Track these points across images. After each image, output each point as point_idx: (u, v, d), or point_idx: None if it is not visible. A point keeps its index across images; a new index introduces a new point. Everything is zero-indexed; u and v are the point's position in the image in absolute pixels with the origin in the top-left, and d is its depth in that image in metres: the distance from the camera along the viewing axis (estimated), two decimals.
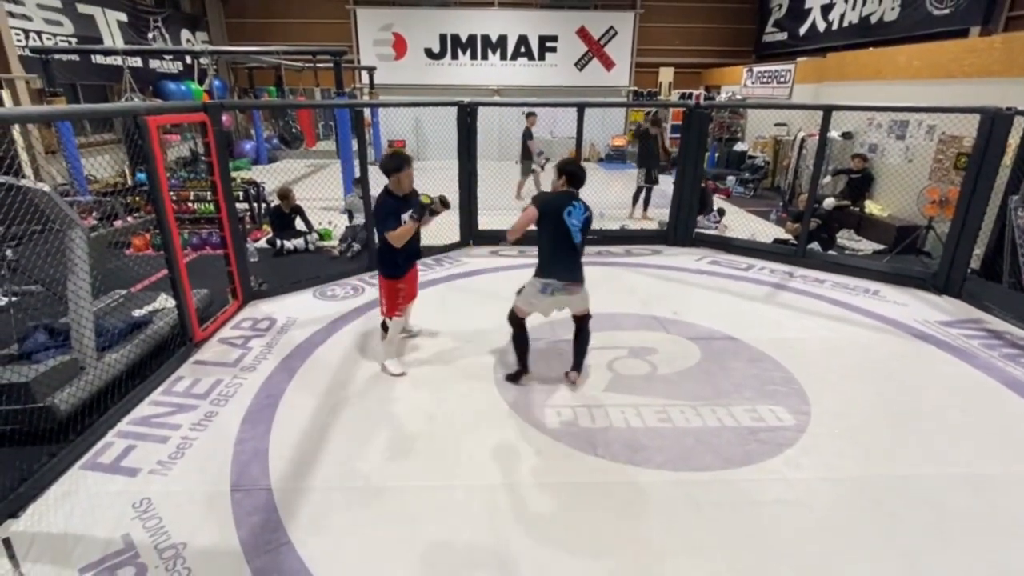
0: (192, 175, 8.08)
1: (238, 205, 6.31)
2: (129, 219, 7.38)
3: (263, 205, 8.12)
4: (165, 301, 4.50)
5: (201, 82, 10.50)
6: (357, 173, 6.32)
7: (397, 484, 2.95)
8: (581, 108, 6.79)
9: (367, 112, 14.25)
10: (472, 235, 7.13)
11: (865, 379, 4.07)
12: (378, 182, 3.96)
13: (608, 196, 9.30)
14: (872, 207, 8.37)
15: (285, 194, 7.12)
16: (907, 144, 8.09)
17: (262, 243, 7.20)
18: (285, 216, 7.16)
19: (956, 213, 5.55)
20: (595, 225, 7.18)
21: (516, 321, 3.80)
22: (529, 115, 9.51)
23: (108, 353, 3.70)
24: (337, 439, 3.31)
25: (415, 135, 15.67)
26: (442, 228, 7.06)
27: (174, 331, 4.23)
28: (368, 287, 5.73)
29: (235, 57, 14.57)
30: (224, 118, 4.96)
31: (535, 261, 3.61)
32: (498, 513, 2.76)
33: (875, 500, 2.87)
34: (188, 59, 12.62)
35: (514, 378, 3.95)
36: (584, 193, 3.66)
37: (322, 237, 7.42)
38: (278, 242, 6.91)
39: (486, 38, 15.60)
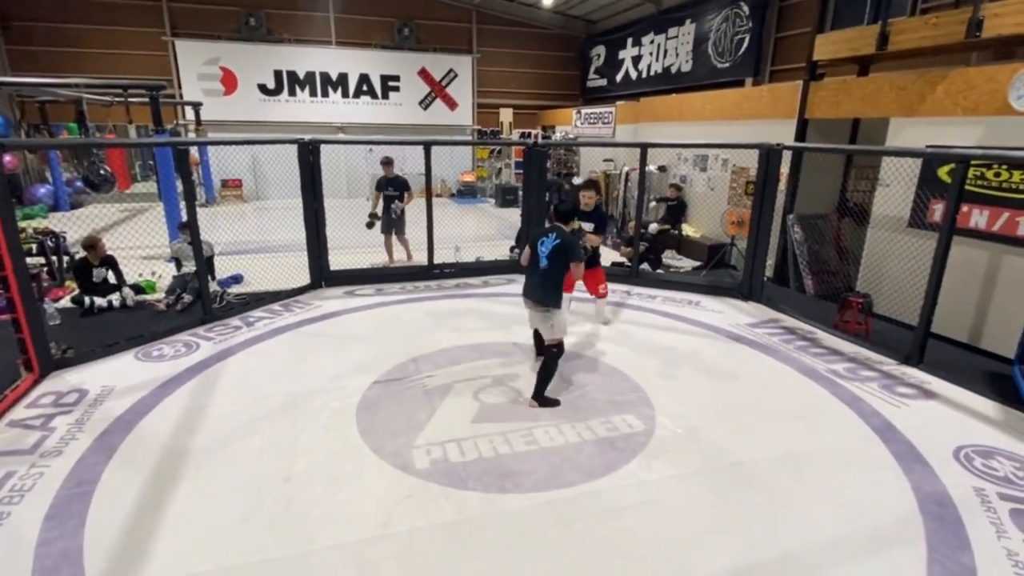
0: None
1: (31, 259, 5.39)
2: None
3: (64, 258, 6.97)
4: None
5: None
6: (184, 216, 5.71)
7: (252, 560, 2.65)
8: (428, 146, 6.91)
9: (194, 150, 13.09)
10: (323, 276, 6.80)
11: (696, 380, 4.61)
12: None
13: (463, 229, 9.51)
14: (688, 229, 9.62)
15: (92, 243, 6.16)
16: (708, 175, 9.47)
17: (66, 302, 6.14)
18: (94, 269, 6.20)
19: (750, 231, 6.60)
20: (451, 259, 7.45)
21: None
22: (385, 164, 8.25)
23: None
24: (175, 520, 2.89)
25: (253, 174, 14.68)
26: (288, 270, 6.66)
27: None
28: (203, 342, 5.15)
29: (21, 89, 12.50)
30: (7, 159, 4.21)
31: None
32: (370, 569, 2.61)
33: (715, 488, 3.23)
34: None
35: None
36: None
37: (144, 290, 6.55)
38: (86, 300, 5.94)
39: (325, 75, 15.27)
